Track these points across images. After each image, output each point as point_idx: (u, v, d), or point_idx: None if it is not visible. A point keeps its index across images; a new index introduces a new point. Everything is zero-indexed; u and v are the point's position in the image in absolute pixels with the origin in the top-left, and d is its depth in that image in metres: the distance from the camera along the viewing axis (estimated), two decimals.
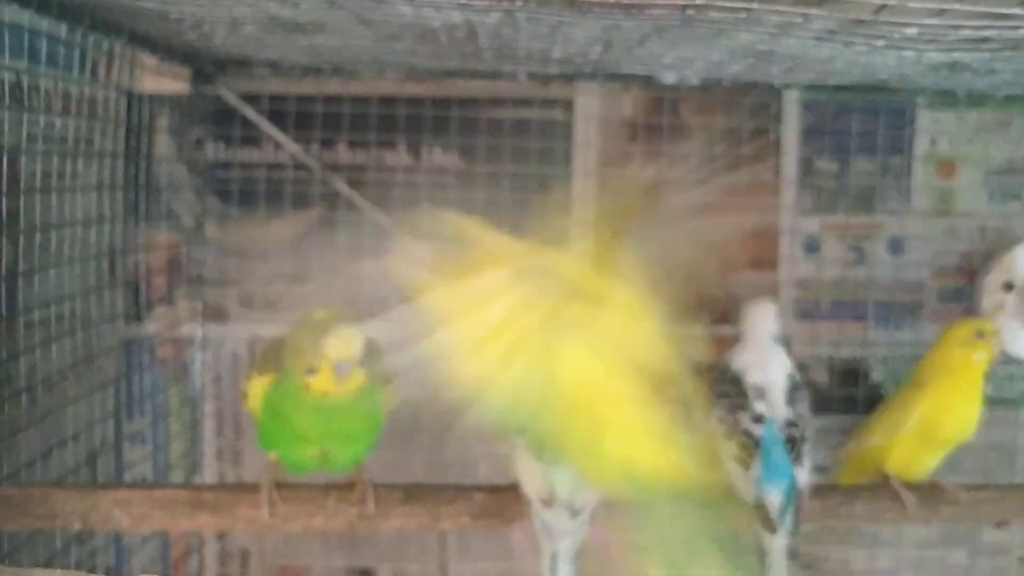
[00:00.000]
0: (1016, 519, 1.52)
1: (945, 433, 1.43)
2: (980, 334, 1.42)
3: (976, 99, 1.77)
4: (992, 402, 1.82)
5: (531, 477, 1.25)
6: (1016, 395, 1.84)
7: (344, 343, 1.20)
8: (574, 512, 1.23)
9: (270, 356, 1.30)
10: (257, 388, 1.30)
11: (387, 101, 1.78)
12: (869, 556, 1.84)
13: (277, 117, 1.77)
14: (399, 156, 1.82)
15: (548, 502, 1.23)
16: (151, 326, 1.81)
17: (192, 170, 1.77)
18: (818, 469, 1.79)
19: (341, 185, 1.79)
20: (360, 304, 1.81)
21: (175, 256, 1.82)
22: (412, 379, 1.22)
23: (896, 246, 1.83)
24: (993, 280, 1.75)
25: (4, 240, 1.39)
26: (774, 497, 1.27)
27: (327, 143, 1.80)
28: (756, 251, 1.83)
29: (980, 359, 1.42)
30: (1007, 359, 1.79)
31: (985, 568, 1.84)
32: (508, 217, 1.79)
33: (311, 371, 1.21)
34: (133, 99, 1.73)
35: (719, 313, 1.83)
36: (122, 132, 1.72)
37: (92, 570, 1.66)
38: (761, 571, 1.26)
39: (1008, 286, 1.75)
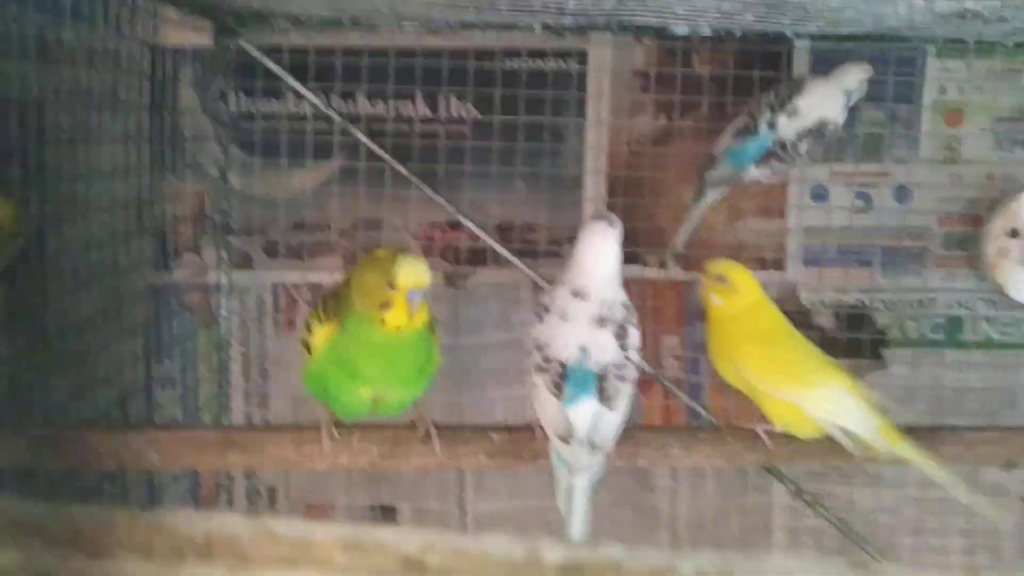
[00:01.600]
0: (1021, 460, 1.55)
1: (723, 374, 1.39)
2: (720, 279, 1.37)
3: (986, 48, 1.78)
4: (995, 346, 1.87)
5: (550, 414, 1.29)
6: (1019, 339, 1.87)
7: (415, 271, 1.20)
8: (593, 448, 1.28)
9: (330, 304, 1.29)
10: (320, 337, 1.28)
11: (405, 53, 1.81)
12: (873, 495, 1.89)
13: (298, 69, 1.80)
14: (417, 107, 1.85)
15: (566, 439, 1.27)
16: (178, 274, 1.87)
17: (215, 121, 1.81)
18: None
19: (361, 136, 1.82)
20: None
21: (200, 206, 1.86)
22: None
23: (903, 194, 1.85)
24: (998, 227, 1.78)
25: (33, 191, 1.44)
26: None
27: (347, 95, 1.83)
28: (764, 199, 1.86)
29: (721, 302, 1.36)
30: (1010, 304, 1.83)
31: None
32: (523, 167, 1.84)
33: (385, 305, 1.21)
34: (156, 52, 1.77)
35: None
36: (146, 85, 1.76)
37: (124, 508, 1.73)
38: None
39: (1013, 233, 1.77)
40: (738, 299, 1.37)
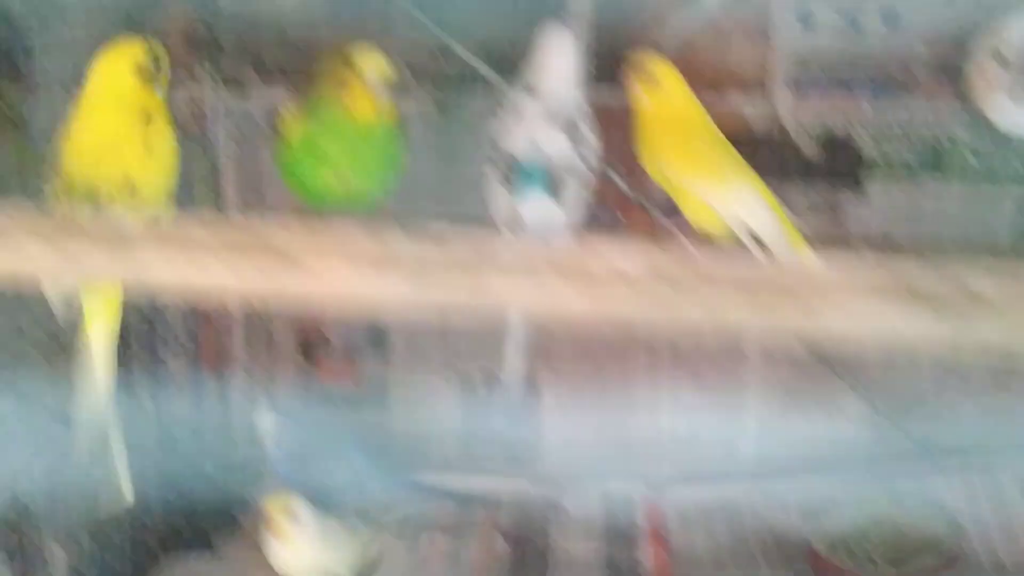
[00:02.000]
0: None
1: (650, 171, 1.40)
2: (648, 75, 1.36)
3: None
4: (976, 177, 1.85)
5: (500, 207, 1.34)
6: (1001, 170, 1.84)
7: (374, 57, 1.29)
8: (541, 239, 1.32)
9: (301, 94, 1.39)
10: (291, 121, 1.36)
11: None
12: None
13: None
14: None
15: (515, 231, 1.32)
16: (170, 94, 1.90)
17: None
18: None
19: None
20: None
21: (192, 29, 1.89)
22: None
23: (891, 16, 1.81)
24: (984, 52, 1.73)
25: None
26: None
27: None
28: (748, 23, 1.84)
29: (648, 99, 1.37)
30: (994, 133, 1.80)
31: None
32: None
33: (348, 92, 1.29)
34: None
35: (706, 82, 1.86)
36: None
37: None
38: None
39: (998, 57, 1.73)
40: (664, 97, 1.38)
